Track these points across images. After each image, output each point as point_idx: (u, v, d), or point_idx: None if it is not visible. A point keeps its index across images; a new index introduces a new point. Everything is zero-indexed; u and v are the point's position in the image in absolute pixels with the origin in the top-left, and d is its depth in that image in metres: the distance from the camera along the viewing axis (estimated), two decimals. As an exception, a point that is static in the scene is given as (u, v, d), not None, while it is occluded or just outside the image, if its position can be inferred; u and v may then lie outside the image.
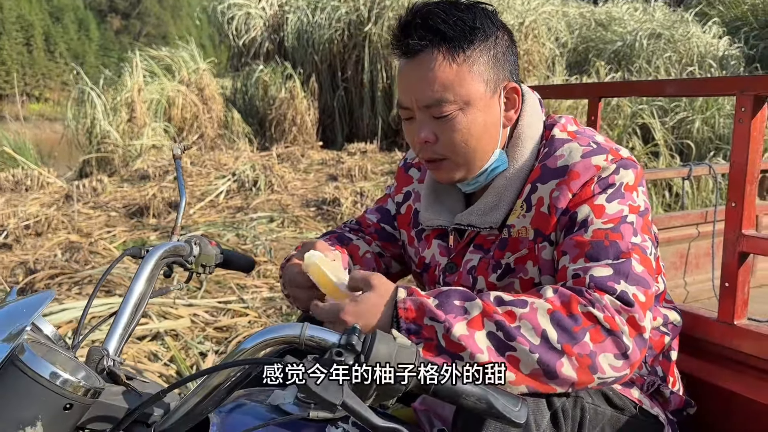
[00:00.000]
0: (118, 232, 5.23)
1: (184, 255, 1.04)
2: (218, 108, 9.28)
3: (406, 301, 0.94)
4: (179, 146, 1.14)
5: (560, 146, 1.10)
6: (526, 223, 1.11)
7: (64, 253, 4.38)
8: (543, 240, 1.10)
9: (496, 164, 1.13)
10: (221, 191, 6.15)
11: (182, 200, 1.09)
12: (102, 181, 6.69)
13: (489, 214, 1.14)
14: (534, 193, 1.10)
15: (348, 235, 1.34)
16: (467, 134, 1.07)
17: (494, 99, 1.09)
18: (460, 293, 0.95)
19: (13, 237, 4.85)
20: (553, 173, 1.09)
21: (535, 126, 1.16)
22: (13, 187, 6.92)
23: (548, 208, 1.08)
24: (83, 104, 8.35)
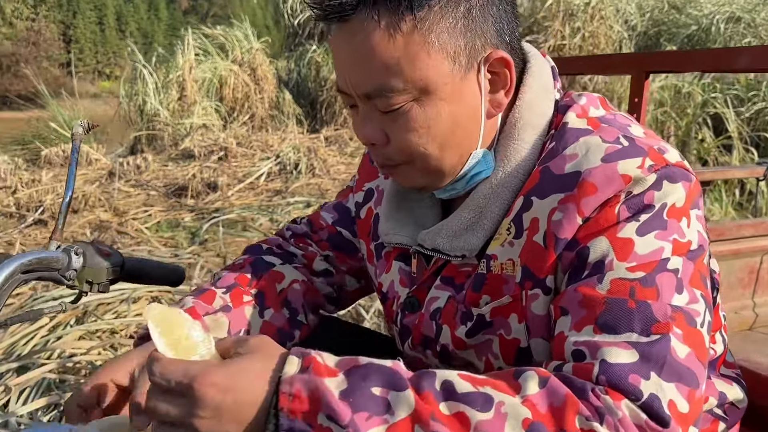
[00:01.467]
0: (154, 211, 5.12)
1: (58, 268, 0.79)
2: (270, 88, 9.14)
3: (295, 383, 0.60)
4: (81, 123, 0.89)
5: (572, 140, 0.76)
6: (513, 254, 0.79)
7: (93, 233, 4.29)
8: (534, 285, 0.77)
9: (476, 170, 0.82)
10: (262, 173, 5.98)
11: (68, 193, 0.83)
12: (146, 159, 6.64)
13: (462, 235, 0.82)
14: (527, 211, 0.77)
15: (268, 259, 1.04)
16: (428, 134, 0.77)
17: (468, 79, 0.77)
18: (385, 374, 0.62)
19: (49, 213, 4.80)
20: (557, 183, 0.74)
21: (539, 108, 0.82)
22: (63, 163, 6.96)
23: (544, 237, 0.75)
24: (136, 82, 8.35)
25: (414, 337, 0.91)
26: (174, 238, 4.42)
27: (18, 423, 1.97)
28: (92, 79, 21.97)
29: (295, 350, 0.64)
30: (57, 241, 0.81)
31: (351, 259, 1.06)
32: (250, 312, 0.95)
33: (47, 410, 2.06)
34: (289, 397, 0.59)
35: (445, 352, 0.87)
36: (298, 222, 1.12)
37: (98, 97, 17.75)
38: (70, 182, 0.84)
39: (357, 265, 1.06)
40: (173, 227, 4.73)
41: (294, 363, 0.62)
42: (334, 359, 0.64)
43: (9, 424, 1.96)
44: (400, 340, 0.95)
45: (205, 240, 4.28)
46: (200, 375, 0.60)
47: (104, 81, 20.54)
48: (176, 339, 0.64)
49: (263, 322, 0.96)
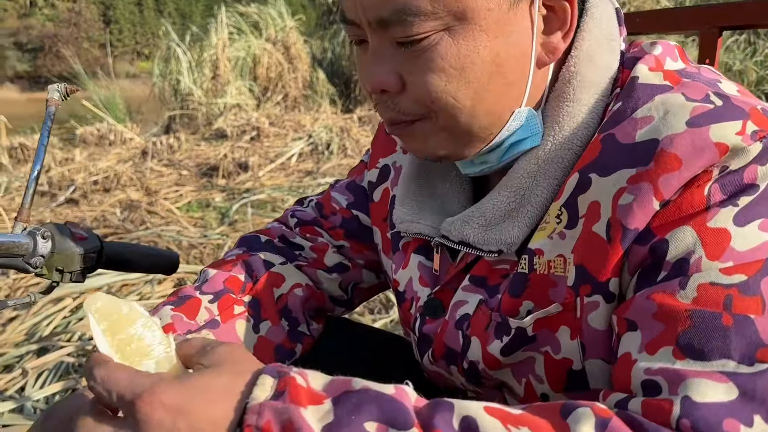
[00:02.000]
0: (185, 191, 5.07)
1: (22, 254, 0.68)
2: (304, 67, 9.03)
3: (264, 412, 0.46)
4: (58, 88, 0.77)
5: (645, 99, 0.60)
6: (565, 249, 0.62)
7: (123, 212, 4.26)
8: (593, 290, 0.60)
9: (518, 136, 0.65)
10: (294, 153, 5.89)
11: (36, 166, 0.71)
12: (179, 138, 6.60)
13: (498, 225, 0.66)
14: (583, 192, 0.61)
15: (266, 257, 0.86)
16: (459, 78, 0.59)
17: (519, 9, 0.60)
18: (384, 405, 0.47)
19: (81, 192, 4.79)
20: (625, 155, 0.58)
21: (602, 60, 0.65)
22: (97, 141, 6.99)
23: (608, 227, 0.58)
24: (170, 61, 8.33)
25: (435, 349, 0.75)
26: (204, 218, 4.36)
27: (34, 408, 1.91)
28: (131, 60, 22.23)
29: (270, 368, 0.50)
30: (23, 222, 0.71)
31: (369, 249, 0.90)
32: (243, 327, 0.80)
33: (64, 395, 1.99)
34: (255, 430, 0.46)
35: (474, 371, 0.71)
36: (305, 205, 0.96)
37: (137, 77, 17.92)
38: (39, 154, 0.73)
39: (376, 257, 0.90)
40: (203, 207, 4.68)
41: (266, 385, 0.48)
42: (322, 380, 0.51)
43: (24, 409, 1.91)
44: (419, 351, 0.79)
45: (235, 221, 4.21)
46: (147, 391, 0.46)
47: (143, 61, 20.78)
48: (124, 339, 0.51)
49: (258, 338, 0.81)
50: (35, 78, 22.13)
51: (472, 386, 0.74)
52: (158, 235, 3.68)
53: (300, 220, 0.93)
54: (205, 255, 3.48)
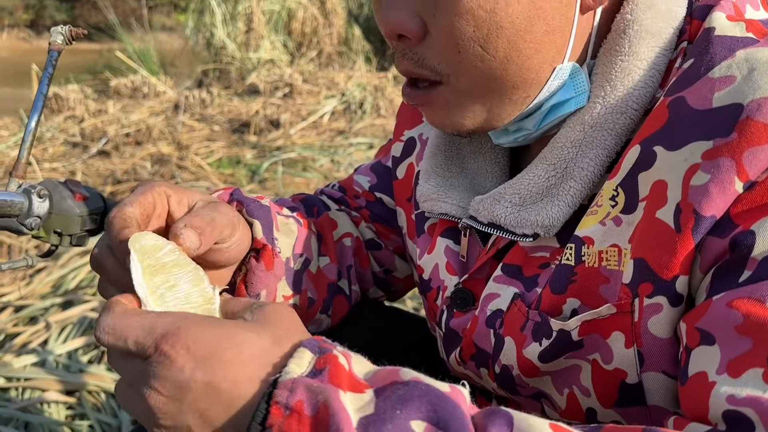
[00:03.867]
0: (216, 147, 5.03)
1: (16, 214, 0.61)
2: (339, 23, 8.85)
3: (297, 390, 0.39)
4: (62, 30, 0.70)
5: (724, 55, 0.49)
6: (620, 238, 0.52)
7: (153, 165, 4.23)
8: (655, 290, 0.50)
9: (559, 96, 0.56)
10: (326, 112, 5.79)
11: (34, 116, 0.64)
12: (212, 93, 6.54)
13: (535, 204, 0.57)
14: (646, 169, 0.51)
15: (322, 199, 0.81)
16: (490, 24, 0.50)
17: None
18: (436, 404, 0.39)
19: (113, 144, 4.78)
20: (699, 123, 0.48)
21: (665, 5, 0.55)
22: (131, 94, 6.97)
23: (676, 213, 0.48)
24: (204, 14, 8.22)
25: (464, 348, 0.66)
26: (234, 175, 4.32)
27: (56, 362, 1.90)
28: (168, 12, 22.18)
29: (312, 341, 0.43)
30: (18, 179, 0.63)
31: (397, 234, 0.81)
32: (314, 244, 0.73)
33: (87, 349, 1.98)
34: (284, 409, 0.39)
35: (507, 377, 0.62)
36: (330, 187, 0.89)
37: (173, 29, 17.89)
38: (37, 103, 0.65)
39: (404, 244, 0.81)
40: (234, 164, 4.63)
41: (304, 359, 0.41)
42: (365, 366, 0.44)
43: (47, 363, 1.89)
44: (445, 349, 0.70)
45: (265, 179, 4.16)
46: (171, 331, 0.41)
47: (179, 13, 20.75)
48: (164, 285, 0.46)
49: (318, 268, 0.74)
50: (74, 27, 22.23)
51: (506, 393, 0.65)
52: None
53: (330, 197, 0.86)
54: (234, 212, 3.45)
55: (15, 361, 1.84)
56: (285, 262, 0.68)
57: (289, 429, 0.39)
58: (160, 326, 0.41)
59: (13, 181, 0.63)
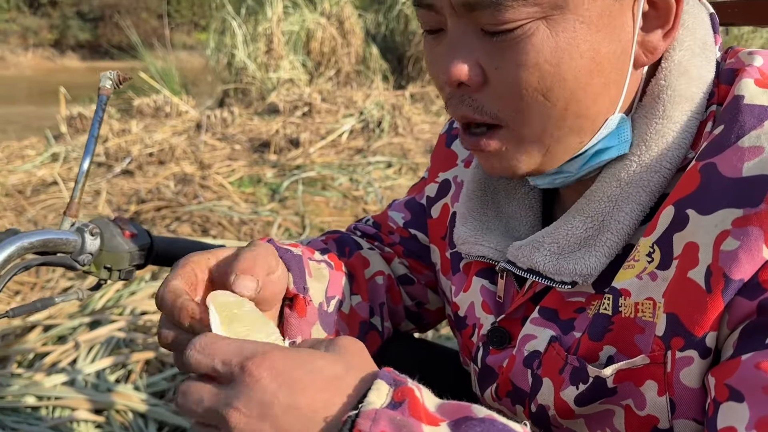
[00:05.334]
0: (237, 166, 5.11)
1: (70, 251, 0.66)
2: (357, 42, 8.95)
3: (380, 421, 0.42)
4: (111, 76, 0.74)
5: (753, 124, 0.53)
6: (656, 292, 0.55)
7: (176, 185, 4.31)
8: (687, 344, 0.53)
9: (604, 143, 0.59)
10: (345, 130, 5.85)
11: (86, 158, 0.69)
12: (233, 112, 6.64)
13: (573, 253, 0.60)
14: (680, 230, 0.54)
15: (354, 238, 0.85)
16: (554, 75, 0.53)
17: (623, 3, 0.54)
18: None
19: (136, 164, 4.87)
20: (729, 190, 0.52)
21: (696, 71, 0.59)
22: (153, 113, 7.09)
23: (707, 275, 0.52)
24: (224, 34, 8.36)
25: (500, 385, 0.69)
26: (254, 194, 4.39)
27: (85, 381, 1.94)
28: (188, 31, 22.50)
29: (386, 373, 0.46)
30: (71, 218, 0.68)
31: (430, 269, 0.85)
32: (346, 285, 0.77)
33: (114, 369, 2.02)
34: None
35: (543, 416, 0.65)
36: (364, 221, 0.93)
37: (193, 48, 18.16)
38: (89, 146, 0.70)
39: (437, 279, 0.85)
40: (255, 183, 4.70)
41: (382, 391, 0.44)
42: (433, 399, 0.47)
43: (76, 382, 1.94)
44: (480, 384, 0.73)
45: (285, 197, 4.21)
46: (259, 354, 0.44)
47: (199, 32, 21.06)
48: (239, 332, 0.50)
49: (351, 308, 0.78)
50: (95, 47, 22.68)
51: (539, 431, 0.68)
52: (210, 209, 3.71)
53: (363, 233, 0.90)
54: (256, 231, 3.50)
55: (45, 380, 1.89)
56: (318, 308, 0.71)
57: None
58: (247, 350, 0.45)
59: (67, 219, 0.67)
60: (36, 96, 11.73)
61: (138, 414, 1.81)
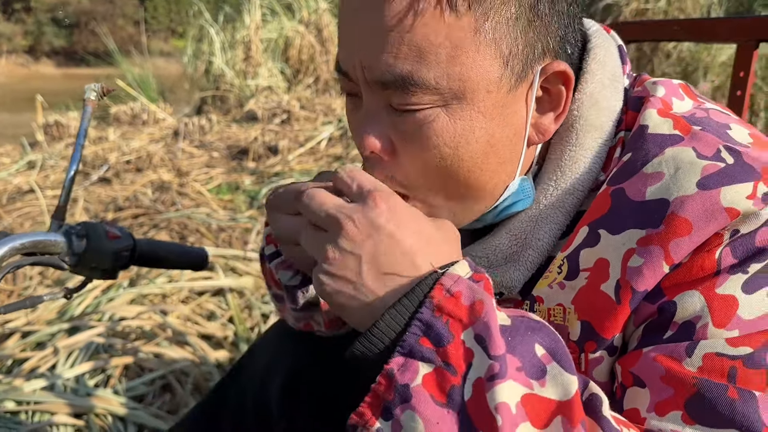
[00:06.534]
0: (215, 173, 5.12)
1: (57, 252, 0.70)
2: (335, 50, 9.00)
3: (460, 284, 0.51)
4: (95, 87, 0.78)
5: (655, 152, 0.60)
6: (564, 299, 0.64)
7: (154, 192, 4.31)
8: (598, 347, 0.62)
9: (509, 201, 0.66)
10: (323, 138, 5.90)
11: (73, 166, 0.73)
12: (211, 120, 6.65)
13: (499, 267, 0.68)
14: (591, 247, 0.62)
15: None
16: (453, 156, 0.60)
17: (518, 92, 0.60)
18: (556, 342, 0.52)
19: (114, 172, 4.86)
20: (635, 213, 0.59)
21: (606, 102, 0.65)
22: (131, 121, 7.07)
23: (617, 288, 0.59)
24: (202, 41, 8.37)
25: None
26: (233, 201, 4.41)
27: (64, 386, 1.96)
28: (165, 38, 22.36)
29: (470, 260, 0.57)
30: (59, 221, 0.72)
31: None
32: None
33: (94, 374, 2.04)
34: (446, 292, 0.51)
35: None
36: None
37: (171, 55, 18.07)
38: (76, 154, 0.74)
39: None
40: (233, 190, 4.72)
41: (464, 268, 0.54)
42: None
43: (55, 387, 1.95)
44: None
45: (263, 204, 4.24)
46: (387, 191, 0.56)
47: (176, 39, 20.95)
48: None
49: None
50: (71, 53, 22.44)
51: None
52: (188, 217, 3.72)
53: None
54: (234, 238, 3.52)
55: (25, 385, 1.90)
56: None
57: (445, 306, 0.50)
58: (380, 185, 0.57)
59: (54, 222, 0.71)
60: (9, 103, 11.59)
61: (117, 417, 1.83)
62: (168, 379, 2.02)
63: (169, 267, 0.84)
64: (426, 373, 0.49)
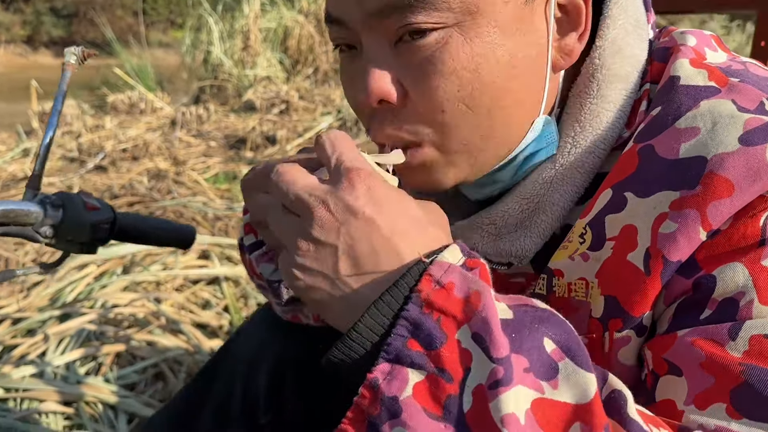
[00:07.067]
0: (213, 163, 5.07)
1: (31, 222, 0.65)
2: (335, 41, 8.95)
3: (451, 273, 0.44)
4: (76, 50, 0.74)
5: (689, 104, 0.53)
6: (587, 272, 0.56)
7: (150, 181, 4.27)
8: (625, 325, 0.54)
9: (531, 148, 0.59)
10: (322, 129, 5.84)
11: (49, 132, 0.68)
12: (208, 109, 6.60)
13: (509, 234, 0.60)
14: (616, 212, 0.54)
15: None
16: (473, 83, 0.53)
17: (534, 7, 0.54)
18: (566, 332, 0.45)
19: (110, 160, 4.81)
20: (667, 172, 0.52)
21: (629, 50, 0.59)
22: (128, 110, 7.01)
23: (646, 257, 0.52)
24: (201, 30, 8.30)
25: None
26: (230, 190, 4.36)
27: (54, 374, 1.92)
28: (164, 29, 22.29)
29: (462, 243, 0.49)
30: (33, 190, 0.67)
31: None
32: None
33: (84, 361, 2.00)
34: (435, 284, 0.43)
35: None
36: None
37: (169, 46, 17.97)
38: (53, 119, 0.69)
39: None
40: (230, 179, 4.67)
41: (456, 254, 0.46)
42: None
43: (45, 374, 1.91)
44: None
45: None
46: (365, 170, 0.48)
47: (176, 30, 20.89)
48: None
49: None
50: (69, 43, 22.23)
51: None
52: (184, 205, 3.68)
53: None
54: (230, 227, 3.47)
55: (14, 372, 1.86)
56: None
57: (435, 301, 0.43)
58: (360, 161, 0.48)
59: (29, 191, 0.67)
60: (7, 93, 11.51)
61: (108, 406, 1.79)
62: (160, 367, 1.98)
63: (153, 243, 0.79)
64: (417, 382, 0.42)
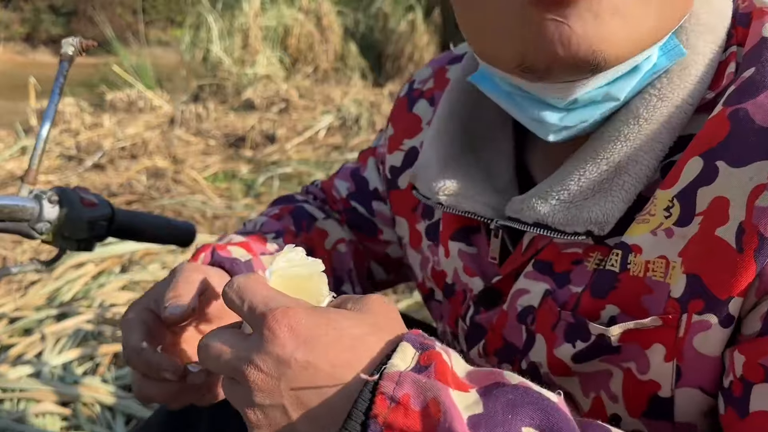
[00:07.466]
0: (212, 161, 5.04)
1: (27, 219, 0.63)
2: (335, 39, 8.91)
3: (404, 384, 0.40)
4: (73, 41, 0.71)
5: None
6: (670, 250, 0.50)
7: (149, 179, 4.24)
8: (707, 307, 0.47)
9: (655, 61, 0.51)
10: (322, 127, 5.82)
11: (45, 124, 0.66)
12: (207, 107, 6.57)
13: (585, 201, 0.52)
14: (707, 184, 0.48)
15: (307, 209, 0.81)
16: None
17: None
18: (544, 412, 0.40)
19: (108, 158, 4.78)
20: (766, 140, 0.46)
21: (718, 3, 0.53)
22: (126, 108, 6.98)
23: (739, 233, 0.46)
24: (200, 29, 8.27)
25: (489, 341, 0.64)
26: (229, 189, 4.33)
27: (51, 373, 1.90)
28: (164, 27, 22.24)
29: (412, 336, 0.43)
30: (29, 185, 0.65)
31: (371, 242, 0.82)
32: None
33: (82, 361, 1.98)
34: (389, 401, 0.39)
35: (534, 373, 0.60)
36: (311, 187, 0.91)
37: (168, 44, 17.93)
38: (49, 112, 0.67)
39: (381, 251, 0.82)
40: (229, 178, 4.65)
41: (408, 354, 0.41)
42: (463, 365, 0.44)
43: (42, 374, 1.89)
44: (467, 342, 0.68)
45: (260, 193, 4.17)
46: (281, 309, 0.42)
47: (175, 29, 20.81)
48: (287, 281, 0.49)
49: None
50: (69, 42, 22.17)
51: None
52: (183, 204, 3.65)
53: (315, 196, 0.89)
54: (230, 226, 3.45)
55: (10, 371, 1.84)
56: None
57: (395, 421, 0.39)
58: (274, 301, 0.43)
59: (25, 187, 0.64)
60: (6, 91, 11.46)
61: (105, 407, 1.76)
62: (159, 367, 1.95)
63: (152, 241, 0.77)
64: None
